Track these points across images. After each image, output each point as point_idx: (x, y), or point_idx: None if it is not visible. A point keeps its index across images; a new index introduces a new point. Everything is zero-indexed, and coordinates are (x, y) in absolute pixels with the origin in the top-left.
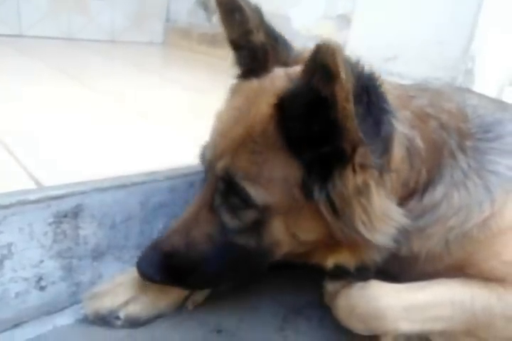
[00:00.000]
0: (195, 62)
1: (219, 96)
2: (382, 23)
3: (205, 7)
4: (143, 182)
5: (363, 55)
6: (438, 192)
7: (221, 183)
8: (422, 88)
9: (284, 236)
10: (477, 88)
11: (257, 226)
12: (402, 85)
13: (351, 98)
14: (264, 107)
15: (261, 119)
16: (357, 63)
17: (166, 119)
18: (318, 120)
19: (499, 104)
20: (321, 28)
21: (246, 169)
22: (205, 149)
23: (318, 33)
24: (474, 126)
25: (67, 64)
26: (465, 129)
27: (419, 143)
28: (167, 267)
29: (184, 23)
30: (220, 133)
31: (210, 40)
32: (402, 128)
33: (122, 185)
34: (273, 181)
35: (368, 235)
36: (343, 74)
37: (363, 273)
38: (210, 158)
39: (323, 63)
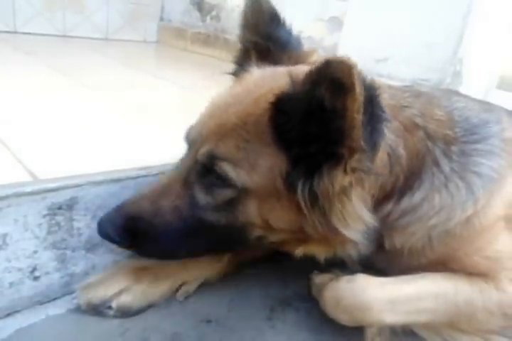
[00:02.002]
0: (188, 61)
1: (211, 94)
2: (373, 25)
3: (199, 7)
4: (136, 176)
5: (354, 56)
6: (417, 196)
7: (201, 161)
8: (416, 94)
9: (257, 220)
10: (465, 90)
11: (231, 205)
12: (398, 90)
13: (362, 110)
14: (262, 101)
15: (256, 111)
16: (364, 75)
17: (159, 116)
18: (315, 125)
19: (485, 105)
20: (313, 30)
21: (231, 153)
22: (191, 128)
23: (311, 35)
24: (461, 130)
25: (61, 61)
26: (451, 135)
27: (401, 151)
28: (128, 230)
29: (178, 22)
30: (210, 116)
31: (204, 40)
32: (388, 135)
33: (116, 179)
34: (257, 167)
35: (343, 230)
36: (358, 88)
37: (350, 267)
38: (195, 137)
39: (334, 77)
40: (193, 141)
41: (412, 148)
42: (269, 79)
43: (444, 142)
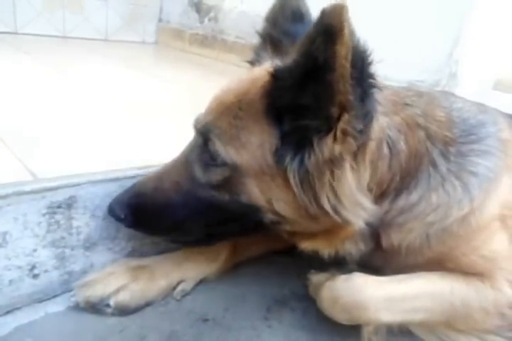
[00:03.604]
0: (186, 61)
1: (209, 94)
2: (369, 26)
3: (197, 8)
4: (135, 176)
5: None
6: (414, 195)
7: (199, 139)
8: (418, 93)
9: (260, 201)
10: (461, 91)
11: (228, 184)
12: (399, 90)
13: (350, 57)
14: (259, 80)
15: (252, 89)
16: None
17: (158, 116)
18: (308, 94)
19: (480, 106)
20: None
21: (224, 130)
22: (199, 114)
23: None
24: (459, 131)
25: (61, 62)
26: (450, 136)
27: (402, 146)
28: (133, 207)
29: (176, 23)
30: (214, 100)
31: (202, 41)
32: (389, 127)
33: (115, 178)
34: (247, 145)
35: (331, 211)
36: (346, 31)
37: (346, 266)
38: (199, 118)
39: (327, 23)
40: (197, 121)
41: (412, 147)
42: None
43: (442, 143)
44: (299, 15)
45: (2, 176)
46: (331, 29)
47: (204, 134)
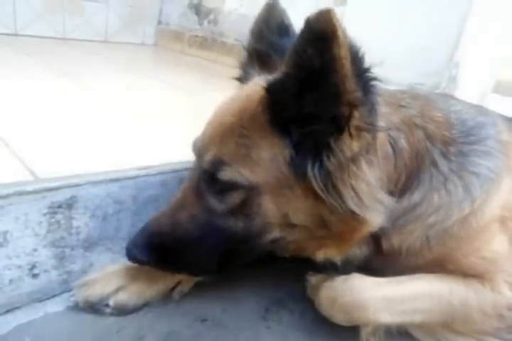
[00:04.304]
0: (185, 63)
1: (208, 96)
2: (370, 29)
3: (197, 11)
4: (135, 177)
5: None
6: (416, 196)
7: (207, 169)
8: (413, 96)
9: (275, 217)
10: (461, 94)
11: (245, 207)
12: (397, 91)
13: (349, 56)
14: (254, 95)
15: (250, 105)
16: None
17: (157, 117)
18: (310, 101)
19: (479, 109)
20: None
21: (232, 153)
22: (196, 138)
23: None
24: (458, 132)
25: (61, 63)
26: (449, 136)
27: (404, 144)
28: (153, 247)
29: (176, 25)
30: (210, 123)
31: (201, 43)
32: (389, 126)
33: (115, 179)
34: (260, 161)
35: (357, 210)
36: (340, 32)
37: (347, 267)
38: (199, 146)
39: (319, 30)
40: (198, 150)
41: (413, 145)
42: (261, 81)
43: (442, 143)
44: (284, 28)
45: (4, 176)
46: (324, 35)
47: (213, 164)
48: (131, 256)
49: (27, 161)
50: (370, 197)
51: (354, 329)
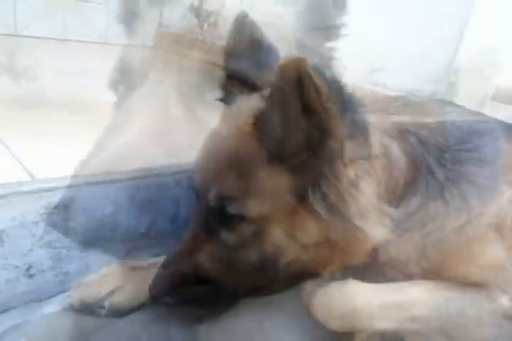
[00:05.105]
0: (185, 66)
1: (207, 99)
2: (369, 35)
3: (197, 14)
4: (132, 179)
5: (351, 65)
6: (413, 205)
7: (213, 207)
8: (404, 103)
9: (284, 241)
10: (460, 101)
11: (256, 238)
12: (388, 98)
13: (329, 99)
14: (244, 127)
15: (242, 137)
16: (322, 69)
17: (156, 118)
18: (298, 132)
19: (478, 115)
20: (309, 38)
21: (235, 186)
22: (193, 175)
23: (307, 43)
24: (453, 138)
25: (61, 64)
26: (444, 143)
27: (398, 153)
28: (179, 289)
29: (176, 28)
30: (205, 159)
31: (201, 46)
32: (381, 135)
33: (112, 180)
34: (263, 192)
35: (362, 225)
36: (315, 79)
37: (343, 273)
38: (199, 184)
39: (293, 78)
40: (199, 186)
41: (407, 152)
42: (245, 107)
43: (437, 149)
44: (256, 42)
45: (1, 176)
46: (298, 84)
47: (220, 203)
48: (159, 301)
49: (24, 161)
50: (373, 212)
51: (349, 334)
